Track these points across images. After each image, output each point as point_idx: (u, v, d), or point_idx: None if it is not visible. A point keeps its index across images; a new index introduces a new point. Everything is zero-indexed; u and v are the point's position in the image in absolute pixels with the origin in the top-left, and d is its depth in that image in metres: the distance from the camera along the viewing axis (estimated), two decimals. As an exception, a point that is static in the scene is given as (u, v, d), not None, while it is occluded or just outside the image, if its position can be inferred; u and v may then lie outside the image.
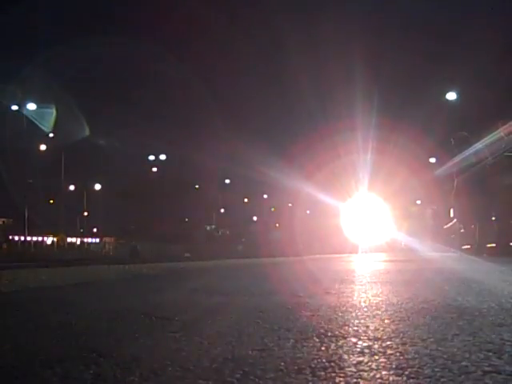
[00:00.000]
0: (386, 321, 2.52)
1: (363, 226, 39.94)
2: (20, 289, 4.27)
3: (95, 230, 64.50)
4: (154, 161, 61.84)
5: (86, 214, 62.50)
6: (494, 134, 14.17)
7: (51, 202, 58.53)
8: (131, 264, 9.59)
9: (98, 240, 60.47)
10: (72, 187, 60.19)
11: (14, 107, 44.24)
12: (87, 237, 61.28)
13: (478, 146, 13.99)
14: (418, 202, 46.81)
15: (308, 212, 48.53)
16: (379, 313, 2.79)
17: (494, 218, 13.60)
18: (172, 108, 56.78)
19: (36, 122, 45.47)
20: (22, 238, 48.90)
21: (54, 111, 45.55)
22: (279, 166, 45.56)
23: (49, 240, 53.74)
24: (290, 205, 50.36)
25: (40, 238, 54.27)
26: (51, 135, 53.11)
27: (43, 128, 46.88)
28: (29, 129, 44.87)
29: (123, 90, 52.87)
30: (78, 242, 58.00)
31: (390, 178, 41.39)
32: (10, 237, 48.49)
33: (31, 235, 50.46)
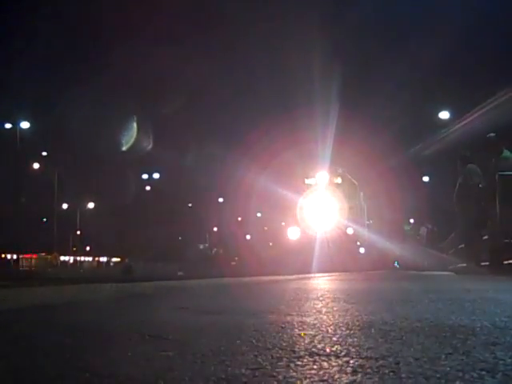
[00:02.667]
0: (380, 339, 2.52)
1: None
2: (12, 308, 4.25)
3: (88, 248, 64.38)
4: (147, 179, 61.96)
5: (78, 232, 62.38)
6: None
7: (44, 220, 58.44)
8: (124, 282, 9.57)
9: (90, 258, 60.36)
10: (65, 206, 60.13)
11: (8, 125, 44.31)
12: (80, 255, 61.12)
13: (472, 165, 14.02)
14: (411, 220, 46.81)
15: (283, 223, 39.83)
16: (373, 331, 2.79)
17: (486, 237, 13.60)
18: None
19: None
20: (15, 257, 48.71)
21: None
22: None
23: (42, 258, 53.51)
24: (258, 214, 49.17)
25: (32, 257, 54.06)
26: (44, 154, 53.17)
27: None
28: (22, 147, 44.89)
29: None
30: (71, 261, 57.83)
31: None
32: (3, 255, 48.32)
33: (24, 254, 50.28)
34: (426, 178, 43.44)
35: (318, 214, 32.03)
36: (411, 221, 46.52)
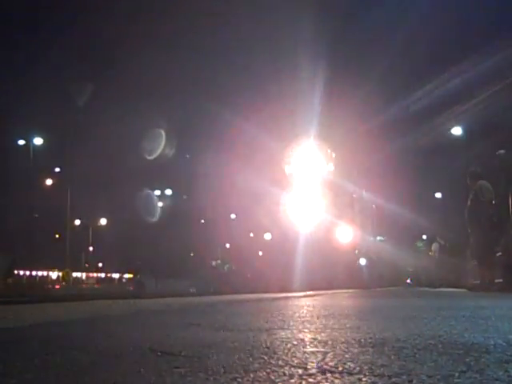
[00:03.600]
0: (393, 357, 2.51)
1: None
2: (25, 324, 4.26)
3: (100, 264, 64.48)
4: (159, 196, 62.09)
5: (91, 248, 62.54)
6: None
7: (57, 236, 58.63)
8: (136, 299, 9.59)
9: (103, 275, 60.40)
10: (78, 222, 60.32)
11: (21, 141, 44.59)
12: (92, 272, 61.22)
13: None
14: (424, 236, 46.57)
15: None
16: (385, 348, 2.78)
17: (499, 254, 13.52)
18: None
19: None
20: (28, 273, 48.90)
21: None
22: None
23: (54, 275, 53.68)
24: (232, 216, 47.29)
25: (45, 273, 54.27)
26: (57, 170, 53.45)
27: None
28: (35, 163, 45.14)
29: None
30: (84, 277, 57.90)
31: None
32: (16, 271, 48.46)
33: (36, 270, 50.48)
34: (438, 194, 43.24)
35: (300, 214, 24.42)
36: (424, 237, 46.33)
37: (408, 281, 55.22)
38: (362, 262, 28.97)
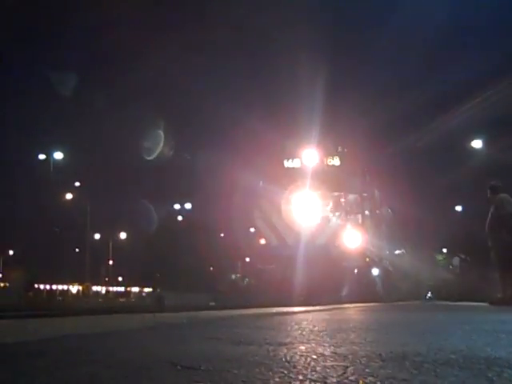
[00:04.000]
0: (413, 371, 2.49)
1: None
2: (46, 338, 4.28)
3: (120, 278, 64.71)
4: (179, 210, 62.23)
5: (111, 262, 62.76)
6: None
7: (77, 250, 58.93)
8: (156, 313, 9.59)
9: (123, 289, 60.56)
10: (97, 236, 60.58)
11: (42, 156, 44.96)
12: (112, 285, 61.37)
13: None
14: (444, 250, 46.22)
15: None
16: (406, 363, 2.76)
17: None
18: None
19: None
20: (48, 287, 49.17)
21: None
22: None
23: (74, 289, 53.92)
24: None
25: (65, 287, 54.51)
26: (77, 184, 53.79)
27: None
28: (55, 178, 45.49)
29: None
30: (103, 291, 58.06)
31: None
32: (36, 285, 48.76)
33: (56, 284, 50.75)
34: (458, 208, 42.95)
35: (302, 215, 21.22)
36: (444, 250, 45.98)
37: (428, 295, 54.80)
38: (375, 272, 25.09)
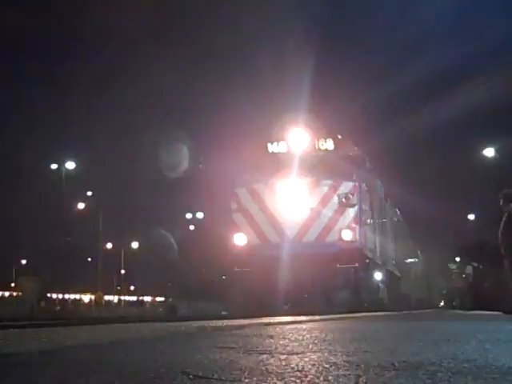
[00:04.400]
0: (427, 381, 2.48)
1: None
2: (58, 347, 4.29)
3: (132, 287, 64.83)
4: (191, 219, 62.29)
5: (123, 271, 62.86)
6: None
7: (89, 259, 59.13)
8: (169, 322, 9.61)
9: (135, 298, 60.69)
10: (109, 245, 60.75)
11: (53, 166, 45.21)
12: (124, 295, 61.47)
13: None
14: (457, 258, 45.97)
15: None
16: (419, 372, 2.75)
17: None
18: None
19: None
20: (60, 296, 49.30)
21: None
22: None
23: (86, 298, 54.05)
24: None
25: (77, 296, 54.67)
26: (89, 193, 54.03)
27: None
28: (67, 187, 45.68)
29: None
30: (116, 300, 58.19)
31: None
32: (48, 294, 48.93)
33: (69, 293, 50.88)
34: (471, 216, 42.79)
35: (287, 208, 18.12)
36: (457, 259, 45.76)
37: (441, 304, 54.54)
38: (378, 276, 21.59)
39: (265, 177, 18.75)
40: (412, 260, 36.82)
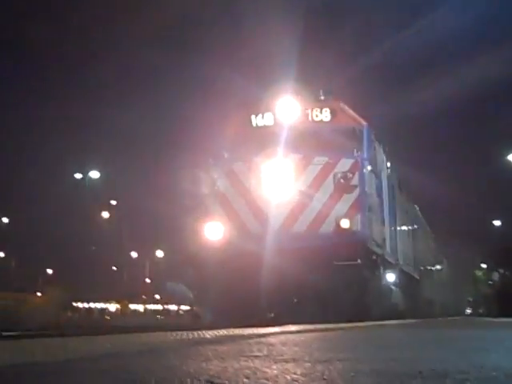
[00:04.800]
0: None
1: None
2: (84, 356, 4.31)
3: (157, 296, 64.99)
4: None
5: (148, 280, 63.11)
6: None
7: (114, 268, 59.46)
8: (194, 330, 9.61)
9: (160, 307, 60.80)
10: (134, 254, 61.06)
11: (78, 175, 45.59)
12: (150, 304, 61.65)
13: None
14: (484, 265, 45.55)
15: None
16: (447, 381, 2.72)
17: None
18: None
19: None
20: (86, 305, 49.61)
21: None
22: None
23: (111, 307, 54.28)
24: None
25: (103, 305, 54.93)
26: (114, 203, 54.36)
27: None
28: (92, 196, 46.01)
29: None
30: (141, 309, 58.38)
31: None
32: (74, 304, 49.20)
33: (94, 302, 51.16)
34: (497, 222, 42.35)
35: (272, 191, 14.73)
36: (483, 265, 45.33)
37: (468, 311, 54.04)
38: (390, 277, 18.02)
39: (246, 155, 15.61)
40: (435, 264, 35.46)
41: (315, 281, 13.86)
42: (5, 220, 55.58)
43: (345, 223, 14.48)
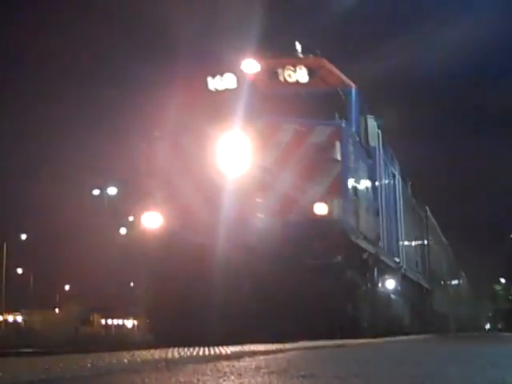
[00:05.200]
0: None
1: None
2: (102, 371, 4.32)
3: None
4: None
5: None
6: None
7: (131, 285, 59.59)
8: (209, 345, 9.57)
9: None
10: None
11: (96, 191, 45.82)
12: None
13: None
14: (502, 280, 45.14)
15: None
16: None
17: None
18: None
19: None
20: (103, 321, 49.70)
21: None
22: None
23: (129, 323, 54.34)
24: None
25: (120, 322, 55.01)
26: (131, 219, 54.52)
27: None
28: (109, 212, 46.15)
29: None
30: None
31: None
32: (91, 319, 49.35)
33: (112, 318, 51.25)
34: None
35: (227, 167, 11.54)
36: (502, 280, 44.95)
37: (487, 326, 53.51)
38: (389, 283, 14.95)
39: (197, 125, 12.23)
40: (452, 276, 34.08)
41: (282, 285, 10.58)
42: (23, 237, 55.93)
43: (320, 208, 11.16)
